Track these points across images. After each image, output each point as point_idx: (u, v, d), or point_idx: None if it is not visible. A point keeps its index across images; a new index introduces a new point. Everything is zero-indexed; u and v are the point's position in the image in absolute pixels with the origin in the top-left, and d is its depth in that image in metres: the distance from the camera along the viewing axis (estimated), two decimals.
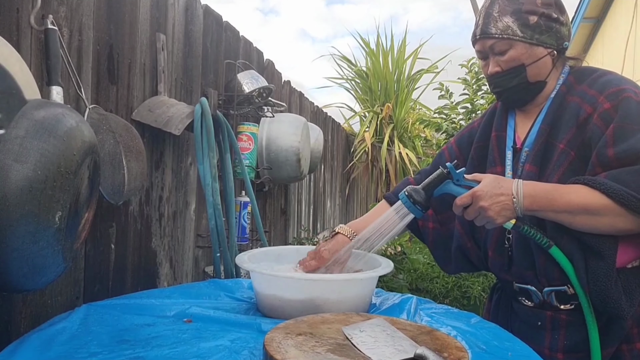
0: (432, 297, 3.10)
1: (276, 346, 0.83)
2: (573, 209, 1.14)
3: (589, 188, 1.14)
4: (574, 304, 1.24)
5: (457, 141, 1.53)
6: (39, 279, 0.94)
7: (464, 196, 1.18)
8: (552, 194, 1.16)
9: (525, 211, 1.16)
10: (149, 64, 1.73)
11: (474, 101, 5.26)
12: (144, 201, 1.72)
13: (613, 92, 1.21)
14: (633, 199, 1.09)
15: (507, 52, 1.28)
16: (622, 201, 1.10)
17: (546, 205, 1.15)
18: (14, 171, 0.84)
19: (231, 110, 2.24)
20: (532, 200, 1.15)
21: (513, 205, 1.15)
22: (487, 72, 1.34)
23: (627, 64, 4.32)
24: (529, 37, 1.26)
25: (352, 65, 6.19)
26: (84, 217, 1.07)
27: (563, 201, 1.15)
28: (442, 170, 1.19)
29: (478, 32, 1.31)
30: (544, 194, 1.16)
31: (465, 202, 1.17)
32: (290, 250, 1.40)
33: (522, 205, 1.15)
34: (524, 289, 1.32)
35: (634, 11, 4.23)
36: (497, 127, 1.41)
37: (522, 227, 1.18)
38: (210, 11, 2.16)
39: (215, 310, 1.13)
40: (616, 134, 1.16)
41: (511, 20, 1.26)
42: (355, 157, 5.48)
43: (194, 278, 2.09)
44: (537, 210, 1.17)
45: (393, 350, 0.84)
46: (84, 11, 1.39)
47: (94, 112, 1.38)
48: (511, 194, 1.15)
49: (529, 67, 1.28)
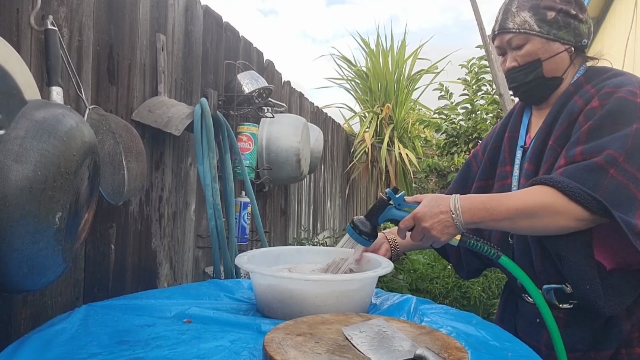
0: (432, 298, 3.10)
1: (276, 347, 0.83)
2: (512, 215, 1.13)
3: (540, 188, 1.14)
4: (572, 303, 1.24)
5: (482, 147, 1.54)
6: (39, 279, 0.94)
7: (405, 220, 1.17)
8: (489, 203, 1.15)
9: (466, 225, 1.15)
10: (149, 64, 1.73)
11: (474, 101, 5.26)
12: (144, 201, 1.72)
13: (607, 92, 1.20)
14: (588, 197, 1.09)
15: (524, 47, 1.28)
16: (579, 199, 1.09)
17: (485, 216, 1.14)
18: (14, 171, 0.84)
19: (231, 111, 2.24)
20: (471, 214, 1.14)
21: (453, 221, 1.14)
22: (505, 68, 1.35)
23: (627, 64, 4.31)
24: (546, 32, 1.26)
25: (352, 66, 6.19)
26: (84, 218, 1.07)
27: (502, 209, 1.14)
28: (381, 197, 1.19)
29: (497, 28, 1.33)
30: (481, 205, 1.15)
31: (408, 225, 1.17)
32: (291, 250, 1.40)
33: (462, 220, 1.14)
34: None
35: (634, 11, 4.23)
36: (512, 128, 1.43)
37: (467, 241, 1.17)
38: (210, 11, 2.16)
39: (215, 311, 1.13)
40: (591, 131, 1.16)
41: (528, 15, 1.27)
42: (355, 157, 5.48)
43: (194, 278, 2.09)
44: (478, 222, 1.15)
45: (393, 350, 0.84)
46: (84, 11, 1.39)
47: (94, 113, 1.38)
48: (449, 210, 1.14)
49: (545, 62, 1.28)
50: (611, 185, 1.09)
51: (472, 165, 1.53)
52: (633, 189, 1.10)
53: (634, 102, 1.17)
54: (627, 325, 1.20)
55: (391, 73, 5.87)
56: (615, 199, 1.09)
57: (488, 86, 5.24)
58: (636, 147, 1.12)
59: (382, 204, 1.18)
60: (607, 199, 1.08)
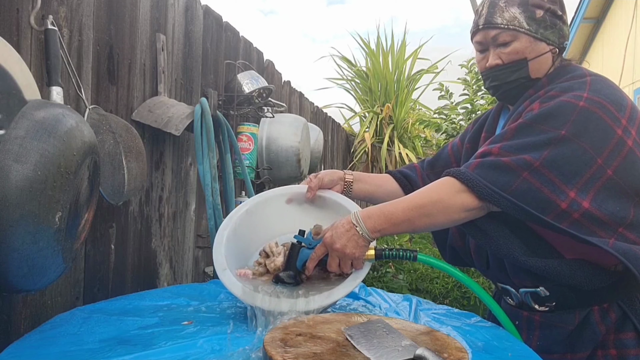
0: (432, 298, 3.11)
1: (276, 346, 0.83)
2: (408, 215, 1.13)
3: (445, 180, 1.14)
4: (549, 305, 1.23)
5: (461, 137, 1.53)
6: (39, 279, 0.94)
7: (317, 249, 1.14)
8: (385, 208, 1.14)
9: (373, 234, 1.13)
10: (149, 64, 1.73)
11: (474, 101, 5.26)
12: (144, 201, 1.72)
13: (551, 95, 1.18)
14: (496, 195, 1.09)
15: (511, 44, 1.24)
16: (486, 197, 1.10)
17: (385, 221, 1.13)
18: (14, 171, 0.84)
19: (231, 111, 2.24)
20: (373, 221, 1.12)
21: (359, 233, 1.11)
22: (484, 66, 1.29)
23: (627, 64, 4.32)
24: (534, 30, 1.23)
25: (352, 66, 6.19)
26: (84, 218, 1.07)
27: (398, 212, 1.13)
28: (292, 243, 1.18)
29: (481, 22, 1.27)
30: (379, 212, 1.13)
31: (320, 254, 1.14)
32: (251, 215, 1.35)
33: (366, 229, 1.12)
34: (505, 288, 1.33)
35: (634, 11, 4.23)
36: (488, 128, 1.40)
37: (382, 254, 1.15)
38: (210, 11, 2.16)
39: (215, 311, 1.13)
40: (519, 129, 1.15)
41: (518, 12, 1.23)
42: (355, 157, 5.48)
43: (194, 278, 2.09)
44: (382, 229, 1.13)
45: (393, 350, 0.84)
46: (84, 11, 1.39)
47: (94, 113, 1.38)
48: (352, 225, 1.12)
49: (531, 62, 1.25)
50: (522, 186, 1.09)
51: (447, 149, 1.53)
52: (547, 192, 1.08)
53: (574, 104, 1.12)
54: (602, 328, 1.19)
55: (391, 73, 5.86)
56: (524, 200, 1.08)
57: None
58: (558, 154, 1.09)
59: (295, 250, 1.16)
60: (516, 198, 1.08)
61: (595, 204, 1.08)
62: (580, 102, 1.12)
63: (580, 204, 1.08)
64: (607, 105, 1.13)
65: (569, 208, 1.08)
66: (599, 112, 1.12)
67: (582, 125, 1.11)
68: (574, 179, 1.09)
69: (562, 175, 1.09)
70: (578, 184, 1.09)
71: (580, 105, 1.12)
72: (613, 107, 1.13)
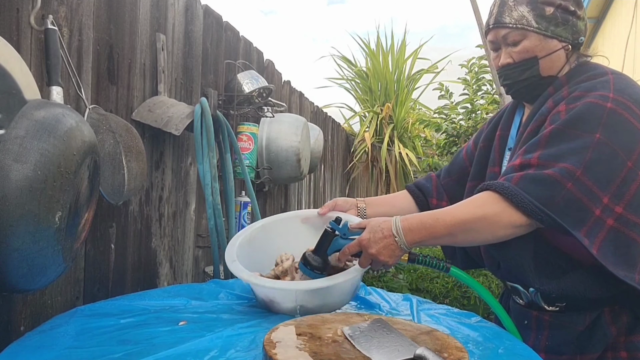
0: (432, 297, 3.11)
1: (276, 346, 0.83)
2: (450, 230, 1.12)
3: (486, 195, 1.13)
4: (559, 305, 1.23)
5: (475, 137, 1.52)
6: (39, 279, 0.94)
7: (350, 246, 1.15)
8: (427, 222, 1.14)
9: (410, 245, 1.13)
10: (149, 64, 1.73)
11: (474, 101, 5.26)
12: (144, 201, 1.72)
13: (576, 96, 1.17)
14: (540, 212, 1.08)
15: (521, 43, 1.24)
16: (533, 215, 1.08)
17: (426, 235, 1.13)
18: (14, 171, 0.84)
19: (231, 111, 2.24)
20: (413, 234, 1.12)
21: (397, 244, 1.12)
22: (498, 64, 1.30)
23: (627, 64, 4.31)
24: (544, 28, 1.22)
25: (352, 66, 6.19)
26: (84, 217, 1.07)
27: (439, 226, 1.12)
28: (326, 229, 1.17)
29: (491, 22, 1.27)
30: (420, 225, 1.13)
31: (353, 250, 1.15)
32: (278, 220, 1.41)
33: (405, 241, 1.12)
34: (514, 287, 1.32)
35: (634, 11, 4.23)
36: (503, 127, 1.40)
37: (416, 259, 1.16)
38: (210, 11, 2.16)
39: (215, 310, 1.13)
40: (552, 136, 1.14)
41: (526, 10, 1.22)
42: (355, 157, 5.48)
43: (194, 278, 2.09)
44: (421, 242, 1.14)
45: (393, 350, 0.84)
46: (84, 11, 1.39)
47: (94, 112, 1.38)
48: (392, 234, 1.12)
49: (542, 60, 1.24)
50: (565, 197, 1.08)
51: (462, 153, 1.53)
52: (586, 201, 1.08)
53: (602, 106, 1.12)
54: (613, 329, 1.19)
55: (391, 73, 5.86)
56: (565, 212, 1.08)
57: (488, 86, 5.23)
58: (595, 159, 1.09)
59: (327, 237, 1.16)
60: (558, 213, 1.07)
61: (630, 209, 1.09)
62: (608, 104, 1.12)
63: (612, 210, 1.08)
64: (631, 106, 1.14)
65: (603, 214, 1.08)
66: (625, 114, 1.12)
67: (612, 128, 1.11)
68: (608, 185, 1.09)
69: (598, 181, 1.09)
70: (611, 189, 1.09)
71: (608, 107, 1.12)
72: (637, 108, 1.14)
